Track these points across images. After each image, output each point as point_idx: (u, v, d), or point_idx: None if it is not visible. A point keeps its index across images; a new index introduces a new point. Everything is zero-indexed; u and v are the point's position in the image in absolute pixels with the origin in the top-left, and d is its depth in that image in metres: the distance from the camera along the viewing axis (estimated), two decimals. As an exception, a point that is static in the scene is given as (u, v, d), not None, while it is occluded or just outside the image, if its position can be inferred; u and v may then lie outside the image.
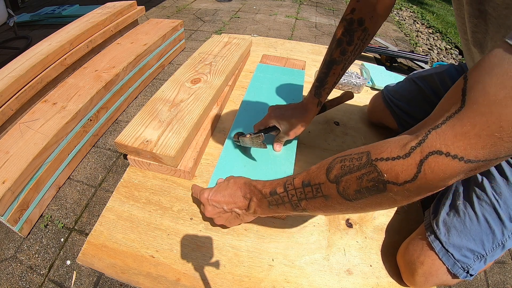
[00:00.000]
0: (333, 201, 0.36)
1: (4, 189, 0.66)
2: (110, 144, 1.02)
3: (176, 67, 1.46)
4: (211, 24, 1.99)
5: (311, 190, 0.38)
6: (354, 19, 0.57)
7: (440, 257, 0.52)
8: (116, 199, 0.70)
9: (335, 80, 0.65)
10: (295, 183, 0.41)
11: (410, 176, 0.27)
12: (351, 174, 0.33)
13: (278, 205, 0.45)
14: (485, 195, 0.51)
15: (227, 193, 0.54)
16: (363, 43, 0.60)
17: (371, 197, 0.32)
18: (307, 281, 0.59)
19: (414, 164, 0.27)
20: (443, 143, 0.26)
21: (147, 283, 0.57)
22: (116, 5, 1.40)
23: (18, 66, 0.92)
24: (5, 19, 1.57)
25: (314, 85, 0.68)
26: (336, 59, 0.62)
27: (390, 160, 0.29)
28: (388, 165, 0.29)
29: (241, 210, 0.54)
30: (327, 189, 0.36)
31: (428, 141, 0.27)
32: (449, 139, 0.26)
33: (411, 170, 0.27)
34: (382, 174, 0.29)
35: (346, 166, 0.34)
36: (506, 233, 0.50)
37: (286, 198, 0.43)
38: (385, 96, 0.87)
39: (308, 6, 2.51)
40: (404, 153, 0.28)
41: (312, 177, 0.39)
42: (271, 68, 1.14)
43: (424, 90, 0.79)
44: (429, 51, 1.91)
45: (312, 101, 0.69)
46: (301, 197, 0.40)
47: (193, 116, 0.80)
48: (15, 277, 0.67)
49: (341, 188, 0.34)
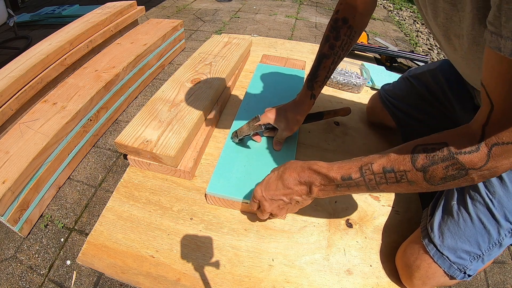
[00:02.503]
0: (417, 185, 0.41)
1: (4, 189, 0.66)
2: (110, 144, 1.02)
3: (176, 67, 1.46)
4: (211, 24, 1.99)
5: (394, 176, 0.42)
6: (339, 18, 0.63)
7: (435, 260, 0.52)
8: (116, 199, 0.70)
9: (326, 74, 0.68)
10: (374, 168, 0.44)
11: (484, 162, 0.36)
12: (437, 165, 0.39)
13: (350, 187, 0.47)
14: (478, 195, 0.51)
15: (281, 185, 0.53)
16: (350, 39, 0.65)
17: (454, 181, 0.39)
18: (307, 281, 0.59)
19: (485, 154, 0.35)
20: (496, 135, 0.34)
21: (147, 283, 0.57)
22: (116, 5, 1.40)
23: (18, 66, 0.92)
24: (5, 19, 1.57)
25: (307, 79, 0.71)
26: (326, 53, 0.66)
27: (467, 153, 0.37)
28: (467, 157, 0.37)
29: (301, 196, 0.52)
30: (414, 176, 0.41)
31: (486, 137, 0.35)
32: (498, 132, 0.34)
33: (484, 159, 0.36)
34: (464, 164, 0.37)
35: (430, 157, 0.39)
36: (503, 232, 0.49)
37: (362, 182, 0.45)
38: (382, 96, 0.88)
39: (308, 6, 2.51)
40: (475, 147, 0.36)
41: (396, 164, 0.42)
42: (271, 68, 1.14)
43: (418, 88, 0.79)
44: (429, 51, 1.91)
45: (305, 93, 0.71)
46: (380, 182, 0.43)
47: (193, 116, 0.80)
48: (15, 277, 0.67)
49: (428, 176, 0.40)
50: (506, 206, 0.49)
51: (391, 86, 0.89)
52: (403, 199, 0.75)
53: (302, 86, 0.72)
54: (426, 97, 0.77)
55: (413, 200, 0.75)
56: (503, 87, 0.32)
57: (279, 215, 0.59)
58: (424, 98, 0.78)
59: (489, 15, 0.30)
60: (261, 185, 0.56)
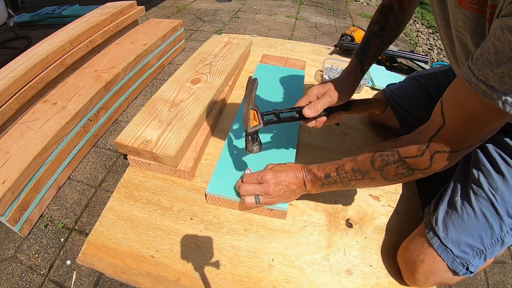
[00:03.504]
0: (377, 181, 0.52)
1: (4, 189, 0.66)
2: (110, 144, 1.02)
3: (176, 67, 1.46)
4: (211, 24, 1.99)
5: (361, 174, 0.53)
6: (386, 5, 0.67)
7: (439, 253, 0.52)
8: (116, 199, 0.70)
9: (375, 53, 0.66)
10: (346, 168, 0.54)
11: (427, 166, 0.45)
12: (390, 166, 0.49)
13: (331, 184, 0.58)
14: (481, 191, 0.52)
15: (291, 174, 0.61)
16: (397, 25, 0.67)
17: (404, 178, 0.49)
18: (307, 281, 0.59)
19: (428, 159, 0.44)
20: (440, 146, 0.43)
21: (147, 283, 0.57)
22: (116, 5, 1.40)
23: (18, 66, 0.92)
24: (5, 19, 1.57)
25: (356, 52, 0.67)
26: (376, 32, 0.66)
27: (413, 157, 0.46)
28: (413, 160, 0.46)
29: (298, 188, 0.61)
30: (373, 174, 0.51)
31: (431, 146, 0.44)
32: (442, 143, 0.42)
33: (427, 163, 0.45)
34: (411, 165, 0.46)
35: (385, 160, 0.49)
36: (505, 228, 0.50)
37: (339, 180, 0.56)
38: (388, 95, 0.87)
39: (308, 6, 2.51)
40: (420, 153, 0.45)
41: (361, 165, 0.53)
42: (271, 68, 1.14)
43: (428, 88, 0.79)
44: (429, 51, 1.91)
45: (355, 65, 0.66)
46: (351, 179, 0.54)
47: (193, 116, 0.80)
48: (15, 277, 0.67)
49: (384, 174, 0.50)
50: (508, 202, 0.50)
51: (397, 85, 0.88)
52: (403, 199, 0.75)
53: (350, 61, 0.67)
54: (435, 97, 0.77)
55: (413, 200, 0.75)
56: (458, 113, 0.39)
57: (275, 200, 0.61)
58: (433, 97, 0.77)
59: (475, 52, 0.35)
60: (271, 170, 0.62)
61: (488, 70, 0.32)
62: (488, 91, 0.33)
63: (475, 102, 0.36)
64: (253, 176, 0.62)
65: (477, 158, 0.56)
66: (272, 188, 0.59)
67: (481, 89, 0.34)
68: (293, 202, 0.71)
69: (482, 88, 0.33)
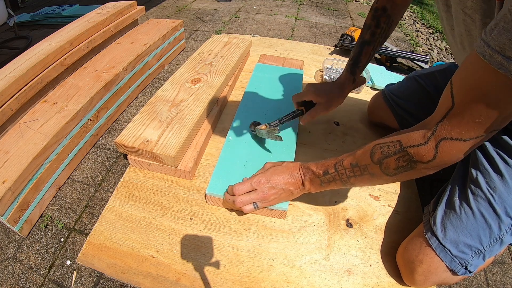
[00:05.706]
0: (376, 176, 0.48)
1: (4, 189, 0.66)
2: (110, 144, 1.02)
3: (176, 67, 1.46)
4: (211, 24, 1.99)
5: (359, 169, 0.50)
6: (379, 7, 0.68)
7: (438, 253, 0.52)
8: (116, 199, 0.70)
9: (367, 60, 0.73)
10: (344, 164, 0.52)
11: (431, 157, 0.40)
12: (390, 157, 0.45)
13: (330, 182, 0.55)
14: (480, 191, 0.52)
15: (286, 175, 0.60)
16: (389, 27, 0.70)
17: (406, 172, 0.44)
18: (307, 281, 0.59)
19: (432, 148, 0.40)
20: (447, 132, 0.38)
21: (147, 283, 0.57)
22: (116, 5, 1.40)
23: (18, 66, 0.92)
24: (5, 19, 1.57)
25: (349, 64, 0.75)
26: (367, 40, 0.71)
27: (416, 146, 0.41)
28: (416, 150, 0.41)
29: (297, 188, 0.60)
30: (372, 169, 0.48)
31: (437, 132, 0.39)
32: (450, 128, 0.38)
33: (431, 152, 0.40)
34: (412, 156, 0.42)
35: (385, 151, 0.45)
36: (504, 227, 0.50)
37: (337, 176, 0.53)
38: (387, 95, 0.87)
39: (308, 6, 2.51)
40: (424, 141, 0.40)
41: (359, 160, 0.49)
42: (270, 67, 1.14)
43: (426, 88, 0.79)
44: (429, 51, 1.91)
45: (348, 77, 0.75)
46: (350, 175, 0.51)
47: (193, 116, 0.80)
48: (15, 277, 0.67)
49: (383, 167, 0.46)
50: (507, 201, 0.50)
51: (396, 85, 0.89)
52: (403, 199, 0.75)
53: (344, 70, 0.75)
54: (434, 97, 0.77)
55: (413, 200, 0.75)
56: (469, 92, 0.36)
57: (271, 202, 0.62)
58: (432, 97, 0.78)
59: (488, 25, 0.33)
60: (264, 174, 0.61)
61: (505, 38, 0.30)
62: (505, 63, 0.30)
63: (488, 77, 0.33)
64: (246, 184, 0.61)
65: (476, 157, 0.56)
66: (267, 193, 0.59)
67: (497, 61, 0.31)
68: (293, 202, 0.71)
69: (497, 60, 0.31)
